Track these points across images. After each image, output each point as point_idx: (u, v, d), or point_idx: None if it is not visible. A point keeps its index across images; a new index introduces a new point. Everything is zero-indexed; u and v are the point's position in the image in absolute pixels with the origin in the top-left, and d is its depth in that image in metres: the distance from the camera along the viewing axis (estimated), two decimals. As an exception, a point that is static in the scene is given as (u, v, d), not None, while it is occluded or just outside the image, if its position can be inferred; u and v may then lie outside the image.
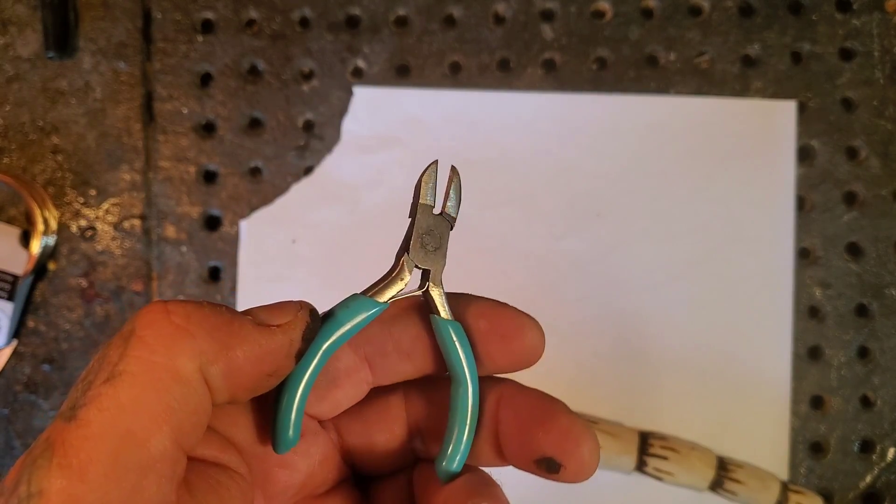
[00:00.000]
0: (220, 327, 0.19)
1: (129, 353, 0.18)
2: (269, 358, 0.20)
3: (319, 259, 0.52)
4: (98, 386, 0.17)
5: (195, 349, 0.18)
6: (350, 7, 0.53)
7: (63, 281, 0.52)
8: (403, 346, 0.23)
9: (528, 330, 0.22)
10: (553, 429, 0.21)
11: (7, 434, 0.52)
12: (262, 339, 0.19)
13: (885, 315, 0.52)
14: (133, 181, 0.53)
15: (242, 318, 0.20)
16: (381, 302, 0.22)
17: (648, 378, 0.51)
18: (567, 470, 0.21)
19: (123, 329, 0.18)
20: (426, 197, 0.23)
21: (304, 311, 0.21)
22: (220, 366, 0.19)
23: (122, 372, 0.17)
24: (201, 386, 0.18)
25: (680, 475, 0.49)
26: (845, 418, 0.52)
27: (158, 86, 0.53)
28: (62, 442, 0.16)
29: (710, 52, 0.53)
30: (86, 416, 0.17)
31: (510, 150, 0.52)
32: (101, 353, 0.18)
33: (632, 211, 0.52)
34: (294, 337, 0.20)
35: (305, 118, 0.53)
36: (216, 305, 0.19)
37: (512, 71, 0.53)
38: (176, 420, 0.17)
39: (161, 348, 0.18)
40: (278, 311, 0.20)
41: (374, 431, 0.24)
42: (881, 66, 0.52)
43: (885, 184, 0.52)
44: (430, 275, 0.23)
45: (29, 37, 0.53)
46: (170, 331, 0.18)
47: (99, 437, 0.16)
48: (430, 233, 0.23)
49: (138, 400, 0.17)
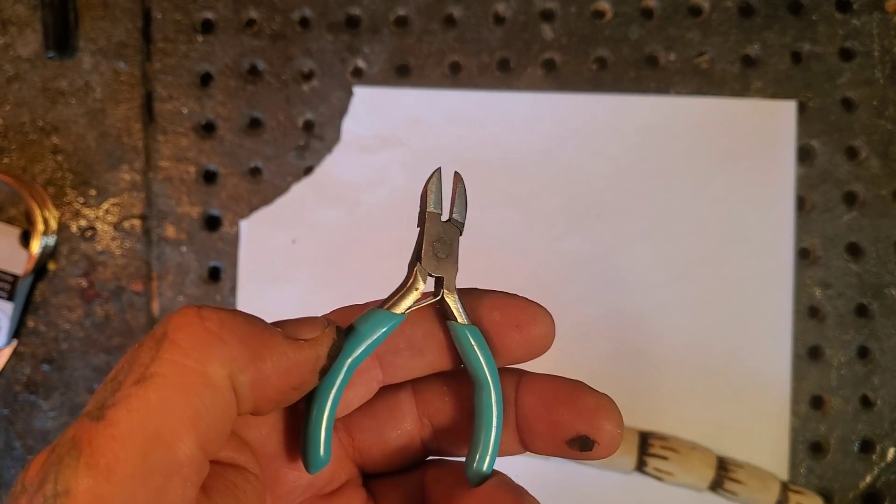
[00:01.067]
0: (252, 336, 0.19)
1: (162, 356, 0.18)
2: (296, 371, 0.20)
3: (319, 259, 0.52)
4: (128, 387, 0.17)
5: (227, 356, 0.18)
6: (350, 7, 0.53)
7: (63, 281, 0.52)
8: (415, 343, 0.23)
9: (541, 318, 0.23)
10: (582, 407, 0.22)
11: (7, 434, 0.52)
12: (291, 351, 0.20)
13: (885, 315, 0.52)
14: (133, 181, 0.53)
15: (273, 329, 0.20)
16: (398, 314, 0.22)
17: (648, 378, 0.51)
18: (600, 446, 0.21)
19: (155, 331, 0.18)
20: (432, 205, 0.23)
21: (331, 328, 0.21)
22: (249, 374, 0.19)
23: (154, 374, 0.17)
24: (229, 393, 0.18)
25: (680, 475, 0.49)
26: (845, 418, 0.52)
27: (158, 86, 0.53)
28: (89, 441, 0.16)
29: (710, 53, 0.53)
30: (115, 417, 0.17)
31: (510, 150, 0.52)
32: (130, 354, 0.18)
33: (632, 211, 0.52)
34: (321, 352, 0.20)
35: (305, 118, 0.53)
36: (248, 315, 0.20)
37: (512, 71, 0.53)
38: (203, 425, 0.18)
39: (193, 352, 0.18)
40: (306, 325, 0.21)
41: (384, 428, 0.24)
42: (881, 66, 0.53)
43: (885, 184, 0.52)
44: (443, 282, 0.23)
45: (29, 37, 0.53)
46: (203, 336, 0.18)
47: (127, 438, 0.16)
48: (439, 240, 0.23)
49: (168, 402, 0.17)
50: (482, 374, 0.22)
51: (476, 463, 0.22)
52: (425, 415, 0.24)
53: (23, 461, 0.52)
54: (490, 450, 0.22)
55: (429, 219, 0.23)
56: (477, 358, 0.22)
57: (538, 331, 0.23)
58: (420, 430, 0.24)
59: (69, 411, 0.52)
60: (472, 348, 0.22)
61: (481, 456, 0.22)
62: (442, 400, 0.24)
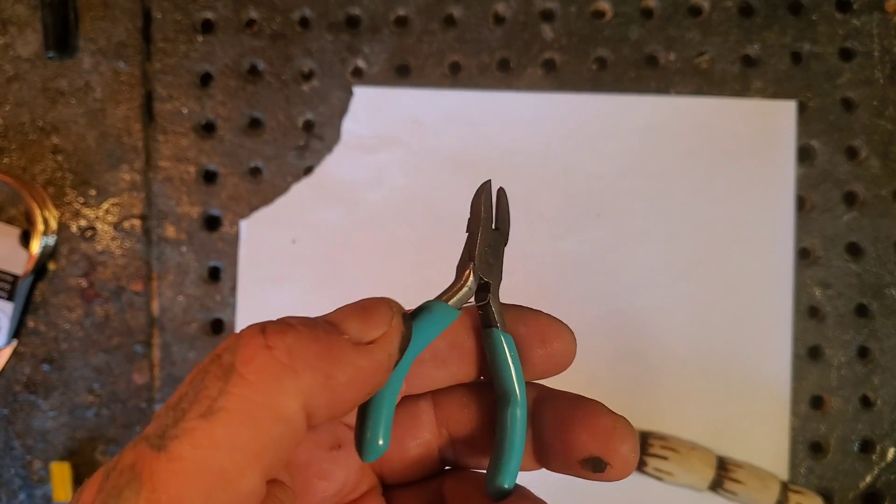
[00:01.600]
0: (322, 356, 0.18)
1: (230, 390, 0.17)
2: (370, 378, 0.19)
3: (319, 259, 0.52)
4: (193, 419, 0.17)
5: (299, 388, 0.17)
6: (350, 7, 0.53)
7: (63, 281, 0.52)
8: (439, 354, 0.23)
9: (565, 335, 0.23)
10: (597, 428, 0.21)
11: (7, 434, 0.52)
12: (362, 360, 0.19)
13: (885, 315, 0.52)
14: (133, 181, 0.53)
15: (340, 339, 0.19)
16: (457, 309, 0.22)
17: (648, 378, 0.51)
18: (613, 468, 0.21)
19: (222, 359, 0.18)
20: (486, 212, 0.23)
21: (398, 317, 0.20)
22: (324, 397, 0.18)
23: (221, 409, 0.17)
24: (301, 421, 0.18)
25: (680, 475, 0.49)
26: (845, 418, 0.52)
27: (158, 86, 0.53)
28: (151, 474, 0.16)
29: (710, 52, 0.53)
30: (178, 450, 0.16)
31: (510, 150, 0.52)
32: (196, 378, 0.18)
33: (632, 211, 0.52)
34: (392, 351, 0.20)
35: (305, 118, 0.53)
36: (311, 326, 0.19)
37: (512, 71, 0.53)
38: (269, 458, 0.17)
39: (263, 387, 0.17)
40: (371, 318, 0.20)
41: (403, 437, 0.24)
42: (881, 66, 0.52)
43: (885, 184, 0.52)
44: (490, 287, 0.23)
45: (29, 37, 0.53)
46: (273, 369, 0.17)
47: (191, 475, 0.16)
48: (490, 246, 0.23)
49: (235, 438, 0.17)
50: (511, 386, 0.22)
51: (498, 478, 0.22)
52: (443, 425, 0.24)
53: (22, 461, 0.52)
54: (513, 465, 0.22)
55: (484, 223, 0.23)
56: (509, 369, 0.22)
57: (561, 347, 0.23)
58: (438, 440, 0.24)
59: (69, 411, 0.52)
60: (507, 358, 0.22)
61: (504, 471, 0.22)
62: (461, 411, 0.24)
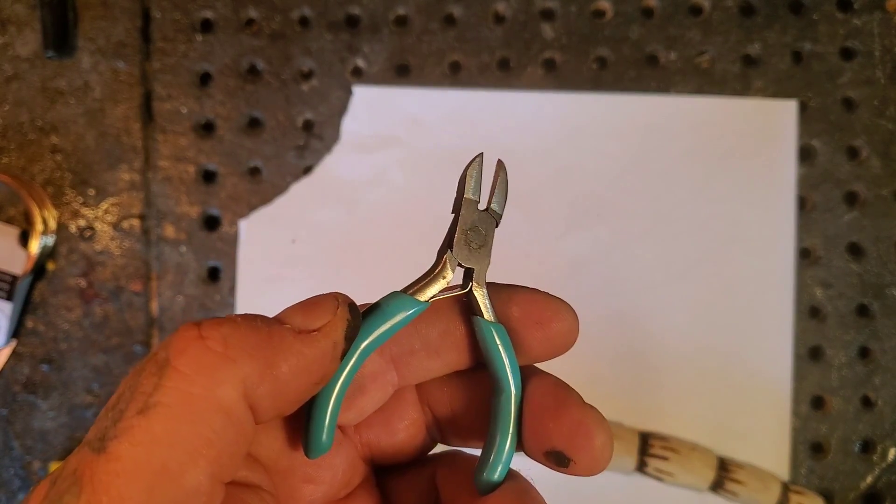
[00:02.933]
0: (261, 344, 0.18)
1: (164, 384, 0.16)
2: (315, 366, 0.18)
3: (319, 259, 0.52)
4: (130, 417, 0.16)
5: (237, 376, 0.17)
6: (350, 6, 0.53)
7: (62, 281, 0.52)
8: (431, 343, 0.22)
9: (564, 314, 0.21)
10: (564, 420, 0.20)
11: (6, 434, 0.52)
12: (305, 348, 0.18)
13: (886, 315, 0.52)
14: (132, 181, 0.53)
15: (280, 327, 0.18)
16: (421, 301, 0.21)
17: (648, 378, 0.51)
18: (577, 464, 0.20)
19: (157, 355, 0.17)
20: (471, 191, 0.22)
21: (343, 306, 0.19)
22: (265, 386, 0.17)
23: (157, 403, 0.16)
24: (244, 413, 0.17)
25: (680, 476, 0.49)
26: (846, 419, 0.51)
27: (157, 85, 0.53)
28: (91, 477, 0.16)
29: (710, 52, 0.53)
30: (117, 450, 0.16)
31: (510, 150, 0.52)
32: (131, 379, 0.17)
33: (632, 211, 0.52)
34: (337, 338, 0.19)
35: (305, 118, 0.53)
36: (250, 318, 0.18)
37: (512, 70, 0.53)
38: (214, 452, 0.16)
39: (200, 378, 0.17)
40: (315, 309, 0.19)
41: (390, 419, 0.23)
42: (882, 65, 0.52)
43: (885, 184, 0.52)
44: (473, 274, 0.22)
45: (28, 36, 0.53)
46: (208, 359, 0.17)
47: (131, 473, 0.16)
48: (474, 229, 0.22)
49: (174, 433, 0.16)
50: (504, 377, 0.21)
51: (487, 471, 0.21)
52: (425, 403, 0.24)
53: (21, 461, 0.52)
54: (503, 458, 0.21)
55: (465, 205, 0.22)
56: (500, 359, 0.21)
57: (561, 328, 0.21)
58: (424, 418, 0.24)
59: (68, 411, 0.52)
60: (497, 348, 0.21)
61: (493, 463, 0.21)
62: (441, 390, 0.23)
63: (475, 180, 0.22)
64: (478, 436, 0.23)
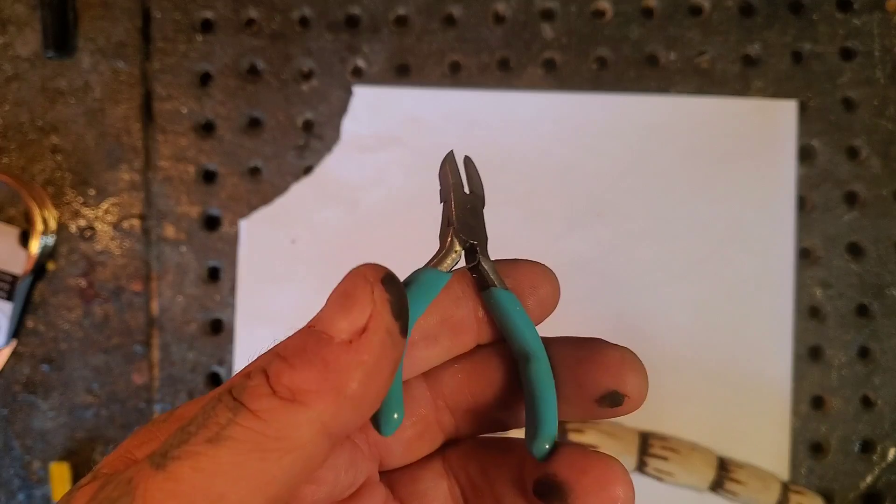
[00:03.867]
0: (323, 377, 0.17)
1: (240, 422, 0.16)
2: (382, 364, 0.18)
3: (319, 259, 0.52)
4: (198, 444, 0.16)
5: (311, 418, 0.17)
6: (350, 6, 0.53)
7: (62, 281, 0.52)
8: (430, 332, 0.22)
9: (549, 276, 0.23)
10: (608, 362, 0.21)
11: (6, 434, 0.52)
12: (363, 355, 0.17)
13: (886, 315, 0.52)
14: (132, 181, 0.53)
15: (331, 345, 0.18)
16: (446, 273, 0.22)
17: (649, 378, 0.51)
18: (630, 398, 0.21)
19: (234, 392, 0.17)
20: (455, 177, 0.23)
21: (377, 286, 0.18)
22: (344, 413, 0.17)
23: (230, 437, 0.16)
24: (318, 446, 0.17)
25: (680, 475, 0.49)
26: (846, 418, 0.51)
27: (158, 85, 0.53)
28: (145, 490, 0.15)
29: (710, 52, 0.53)
30: (178, 471, 0.16)
31: (510, 150, 0.52)
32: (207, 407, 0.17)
33: (632, 211, 0.52)
34: (388, 325, 0.18)
35: (305, 118, 0.53)
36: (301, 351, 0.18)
37: (512, 70, 0.53)
38: (275, 488, 0.16)
39: (275, 423, 0.16)
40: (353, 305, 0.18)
41: None
42: (882, 65, 0.52)
43: (885, 184, 0.52)
44: (477, 249, 0.23)
45: (28, 36, 0.53)
46: (281, 406, 0.17)
47: (187, 497, 0.15)
48: (467, 210, 0.23)
49: (240, 467, 0.16)
50: (528, 342, 0.22)
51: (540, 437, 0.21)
52: (439, 397, 0.23)
53: (21, 461, 0.52)
54: (551, 420, 0.21)
55: (454, 189, 0.23)
56: (520, 326, 0.22)
57: (549, 290, 0.23)
58: (436, 413, 0.23)
59: (68, 411, 0.52)
60: (516, 315, 0.22)
61: (544, 427, 0.21)
62: (455, 378, 0.23)
63: (454, 169, 0.23)
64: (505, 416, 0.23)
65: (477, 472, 0.23)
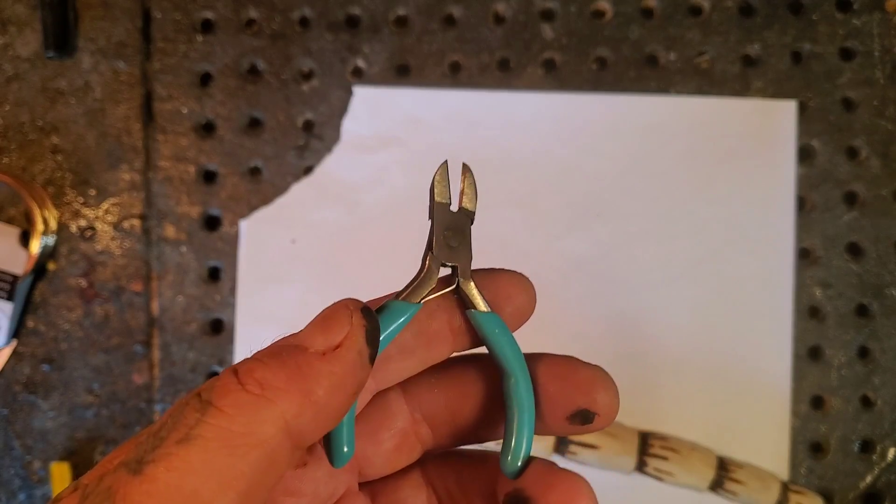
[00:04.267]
0: (293, 378, 0.18)
1: (207, 420, 0.17)
2: (348, 380, 0.19)
3: (319, 259, 0.52)
4: (170, 445, 0.17)
5: (276, 414, 0.18)
6: (350, 7, 0.53)
7: (62, 281, 0.52)
8: (405, 345, 0.23)
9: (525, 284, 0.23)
10: (581, 380, 0.22)
11: (6, 434, 0.52)
12: (334, 366, 0.19)
13: (886, 315, 0.52)
14: (133, 181, 0.53)
15: (306, 354, 0.19)
16: (415, 303, 0.22)
17: (648, 378, 0.51)
18: (600, 416, 0.21)
19: (200, 394, 0.18)
20: (442, 196, 0.23)
21: (357, 313, 0.20)
22: (306, 415, 0.18)
23: (198, 436, 0.17)
24: (281, 445, 0.18)
25: (680, 475, 0.49)
26: (846, 418, 0.51)
27: (158, 85, 0.53)
28: (124, 496, 0.16)
29: (710, 52, 0.53)
30: (153, 473, 0.17)
31: (510, 150, 0.52)
32: (175, 410, 0.18)
33: (632, 211, 0.52)
34: (360, 347, 0.20)
35: (305, 118, 0.53)
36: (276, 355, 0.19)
37: (512, 71, 0.53)
38: (244, 484, 0.17)
39: (240, 418, 0.18)
40: (331, 325, 0.20)
41: (376, 431, 0.24)
42: (881, 65, 0.52)
43: (885, 184, 0.52)
44: (458, 270, 0.23)
45: (28, 36, 0.53)
46: (248, 400, 0.18)
47: (163, 496, 0.16)
48: (451, 229, 0.23)
49: (209, 464, 0.17)
50: (511, 361, 0.22)
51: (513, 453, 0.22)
52: (417, 410, 0.24)
53: (21, 461, 0.52)
54: (526, 438, 0.22)
55: (438, 209, 0.23)
56: (503, 346, 0.22)
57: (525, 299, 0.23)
58: (414, 426, 0.24)
59: (68, 411, 0.52)
60: (498, 336, 0.22)
61: (518, 444, 0.22)
62: (432, 393, 0.24)
63: (444, 185, 0.23)
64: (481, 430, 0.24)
65: (453, 483, 0.24)
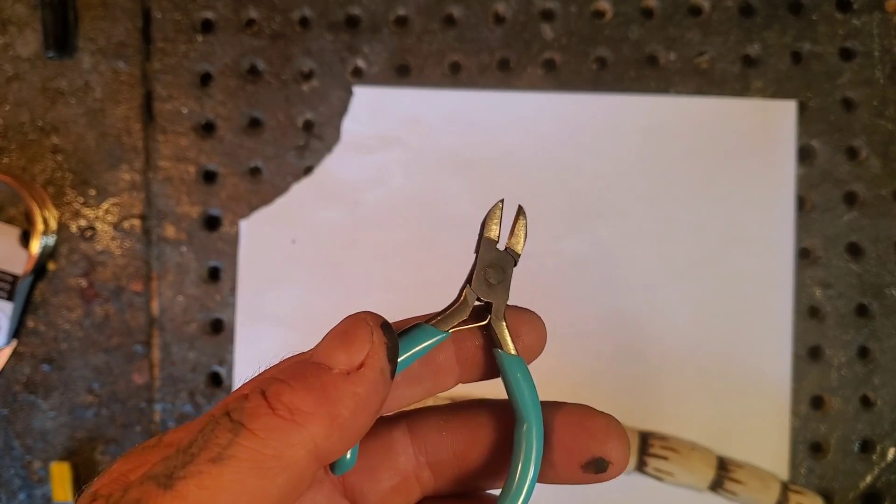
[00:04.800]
0: (320, 402, 0.19)
1: (239, 442, 0.18)
2: (372, 399, 0.20)
3: (319, 259, 0.52)
4: (202, 463, 0.17)
5: (305, 438, 0.18)
6: (350, 7, 0.53)
7: (63, 281, 0.52)
8: (412, 372, 0.23)
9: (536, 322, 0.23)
10: (594, 430, 0.22)
11: (6, 434, 0.52)
12: (358, 387, 0.19)
13: (886, 315, 0.52)
14: (133, 181, 0.53)
15: (330, 375, 0.19)
16: (443, 331, 0.22)
17: (648, 378, 0.51)
18: (614, 465, 0.22)
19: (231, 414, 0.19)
20: (491, 233, 0.24)
21: (377, 329, 0.20)
22: (333, 437, 0.19)
23: (231, 457, 0.17)
24: (308, 467, 0.19)
25: (680, 475, 0.49)
26: (845, 418, 0.52)
27: (158, 85, 0.53)
28: None
29: (710, 52, 0.53)
30: (184, 489, 0.17)
31: (510, 150, 0.52)
32: (206, 429, 0.18)
33: (632, 211, 0.52)
34: (382, 365, 0.20)
35: (305, 118, 0.53)
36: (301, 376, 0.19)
37: (512, 71, 0.53)
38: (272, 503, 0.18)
39: (273, 441, 0.18)
40: (353, 343, 0.20)
41: (377, 468, 0.24)
42: (881, 65, 0.52)
43: (885, 184, 0.52)
44: (492, 308, 0.23)
45: (28, 36, 0.53)
46: (279, 424, 0.18)
47: None
48: (493, 266, 0.23)
49: (240, 484, 0.17)
50: (527, 408, 0.22)
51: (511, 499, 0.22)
52: (422, 453, 0.24)
53: (22, 461, 0.52)
54: (527, 486, 0.22)
55: (485, 245, 0.23)
56: (523, 391, 0.22)
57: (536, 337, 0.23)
58: (415, 467, 0.24)
59: (69, 411, 0.52)
60: (519, 380, 0.22)
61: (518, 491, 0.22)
62: (440, 435, 0.24)
63: (495, 223, 0.24)
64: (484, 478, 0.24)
65: None
